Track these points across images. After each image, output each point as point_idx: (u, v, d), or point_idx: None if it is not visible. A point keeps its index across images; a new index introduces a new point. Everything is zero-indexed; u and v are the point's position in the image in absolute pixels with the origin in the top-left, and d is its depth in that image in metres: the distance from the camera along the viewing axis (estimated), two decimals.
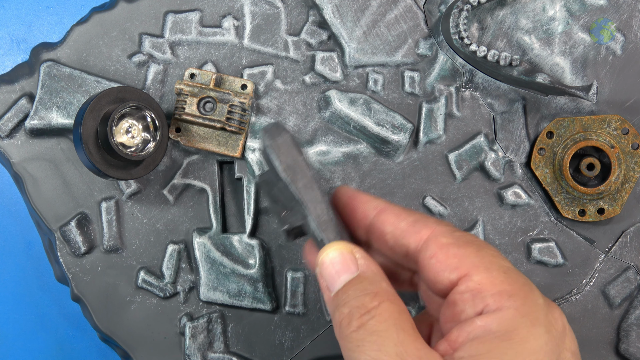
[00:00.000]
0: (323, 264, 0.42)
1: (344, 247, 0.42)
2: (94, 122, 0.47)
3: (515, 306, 0.37)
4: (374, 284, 0.40)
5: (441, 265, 0.39)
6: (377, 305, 0.39)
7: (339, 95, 0.52)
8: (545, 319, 0.37)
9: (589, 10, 0.53)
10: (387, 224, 0.43)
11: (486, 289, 0.38)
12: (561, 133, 0.53)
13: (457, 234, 0.41)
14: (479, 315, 0.37)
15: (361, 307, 0.39)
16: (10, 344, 0.60)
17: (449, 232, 0.41)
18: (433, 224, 0.41)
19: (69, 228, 0.53)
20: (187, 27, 0.53)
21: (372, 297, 0.39)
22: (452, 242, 0.40)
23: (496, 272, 0.38)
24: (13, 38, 0.60)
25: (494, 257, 0.39)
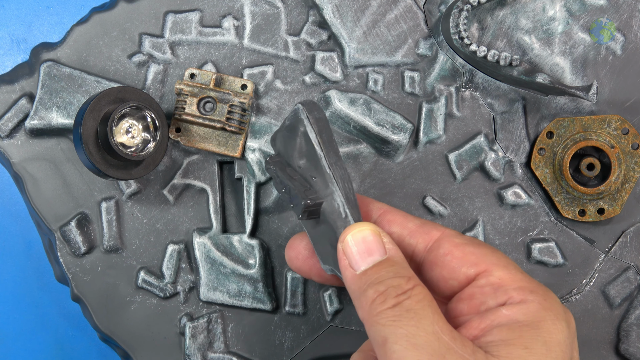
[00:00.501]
0: (351, 241, 0.42)
1: (373, 229, 0.42)
2: (94, 122, 0.47)
3: (539, 300, 0.39)
4: (405, 269, 0.41)
5: (458, 261, 0.42)
6: (412, 288, 0.40)
7: (339, 95, 0.52)
8: (564, 316, 0.39)
9: (589, 10, 0.53)
10: (394, 224, 0.44)
11: (508, 284, 0.40)
12: (561, 133, 0.53)
13: (467, 236, 0.43)
14: (503, 306, 0.40)
15: (397, 287, 0.40)
16: (10, 344, 0.60)
17: (459, 234, 0.43)
18: (441, 227, 0.44)
19: (69, 228, 0.53)
20: (187, 27, 0.53)
21: (407, 280, 0.40)
22: (466, 242, 0.42)
23: (515, 271, 0.41)
24: (13, 38, 0.60)
25: (508, 259, 0.42)
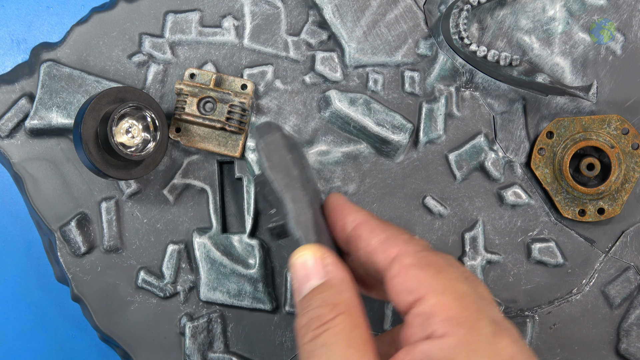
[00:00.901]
0: (293, 267, 0.42)
1: (315, 251, 0.42)
2: (94, 122, 0.47)
3: (460, 334, 0.37)
4: (336, 294, 0.41)
5: (401, 286, 0.40)
6: (333, 318, 0.39)
7: (339, 95, 0.52)
8: (487, 349, 0.37)
9: (589, 10, 0.53)
10: (361, 240, 0.43)
11: (437, 314, 0.38)
12: (561, 133, 0.53)
13: (422, 254, 0.41)
14: (426, 339, 0.38)
15: (318, 319, 0.39)
16: (10, 344, 0.60)
17: (414, 252, 0.41)
18: (402, 243, 0.41)
19: (69, 228, 0.53)
20: (187, 27, 0.53)
21: (331, 309, 0.40)
22: (413, 263, 0.40)
23: (450, 297, 0.38)
24: (13, 38, 0.60)
25: (452, 280, 0.39)
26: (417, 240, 0.42)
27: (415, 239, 0.42)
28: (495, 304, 0.40)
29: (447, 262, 0.41)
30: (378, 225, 0.43)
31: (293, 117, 0.53)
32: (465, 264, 0.53)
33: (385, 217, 0.53)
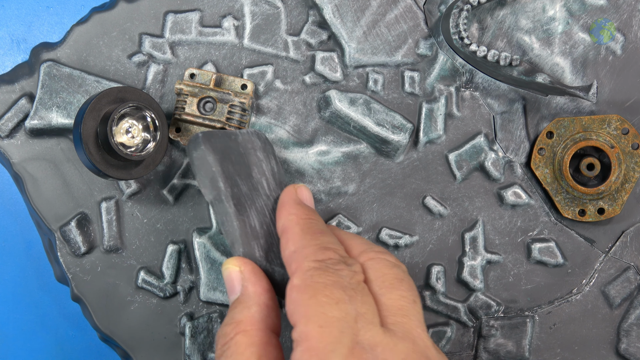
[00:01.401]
0: (224, 279, 0.45)
1: (233, 265, 0.44)
2: (94, 122, 0.47)
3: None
4: (242, 311, 0.42)
5: (286, 308, 0.41)
6: (233, 337, 0.41)
7: (339, 95, 0.52)
8: None
9: (589, 10, 0.53)
10: (282, 249, 0.44)
11: (300, 343, 0.39)
12: (561, 133, 0.53)
13: (310, 273, 0.41)
14: None
15: (224, 336, 0.41)
16: (10, 344, 0.60)
17: (304, 271, 0.41)
18: (301, 259, 0.42)
19: (69, 228, 0.53)
20: (187, 27, 0.53)
21: (233, 327, 0.41)
22: (298, 284, 0.40)
23: (312, 326, 0.39)
24: (13, 38, 0.60)
25: (322, 305, 0.39)
26: (322, 256, 0.42)
27: (322, 251, 0.42)
28: (374, 323, 0.40)
29: (332, 281, 0.40)
30: (298, 233, 0.44)
31: (293, 117, 0.53)
32: (465, 264, 0.53)
33: (385, 217, 0.53)
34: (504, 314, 0.54)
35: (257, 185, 0.48)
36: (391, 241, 0.53)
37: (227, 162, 0.47)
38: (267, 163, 0.49)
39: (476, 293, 0.53)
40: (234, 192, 0.47)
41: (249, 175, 0.48)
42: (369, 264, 0.43)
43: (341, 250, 0.43)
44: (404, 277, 0.43)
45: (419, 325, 0.41)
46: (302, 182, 0.53)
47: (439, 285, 0.53)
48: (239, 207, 0.46)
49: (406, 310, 0.41)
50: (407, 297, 0.42)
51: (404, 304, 0.41)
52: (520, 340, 0.53)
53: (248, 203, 0.47)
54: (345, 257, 0.42)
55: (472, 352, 0.54)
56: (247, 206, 0.47)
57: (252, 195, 0.47)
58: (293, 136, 0.53)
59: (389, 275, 0.43)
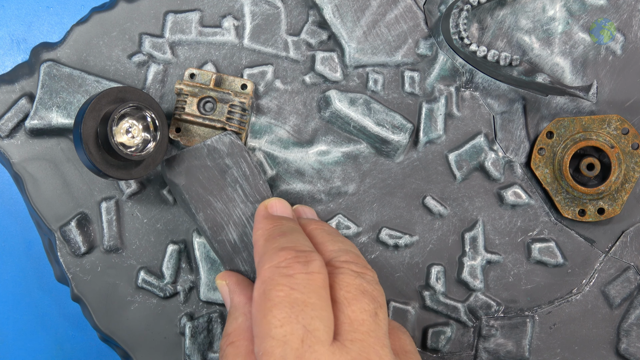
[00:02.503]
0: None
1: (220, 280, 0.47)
2: (94, 122, 0.47)
3: None
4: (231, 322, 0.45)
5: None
6: (224, 349, 0.43)
7: (339, 95, 0.52)
8: None
9: (589, 10, 0.53)
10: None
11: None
12: (561, 133, 0.53)
13: (265, 285, 0.41)
14: None
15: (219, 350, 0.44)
16: (10, 344, 0.60)
17: (261, 282, 0.41)
18: (260, 267, 0.42)
19: (69, 228, 0.53)
20: (187, 27, 0.53)
21: (225, 340, 0.44)
22: (256, 298, 0.41)
23: (260, 348, 0.40)
24: (13, 38, 0.60)
25: (269, 327, 0.39)
26: (277, 255, 0.42)
27: (281, 251, 0.42)
28: (323, 341, 0.39)
29: (281, 297, 0.40)
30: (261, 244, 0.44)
31: (293, 117, 0.53)
32: (465, 264, 0.53)
33: (385, 217, 0.53)
34: (504, 314, 0.54)
35: (233, 195, 0.49)
36: (391, 241, 0.53)
37: (195, 184, 0.49)
38: (238, 168, 0.49)
39: (476, 293, 0.53)
40: (207, 215, 0.48)
41: (222, 187, 0.49)
42: (335, 272, 0.42)
43: (302, 245, 0.43)
44: (367, 288, 0.42)
45: (378, 343, 0.40)
46: (302, 182, 0.53)
47: (439, 285, 0.53)
48: (215, 229, 0.48)
49: (367, 326, 0.40)
50: (368, 311, 0.41)
51: (365, 318, 0.41)
52: (520, 340, 0.53)
53: (225, 219, 0.48)
54: (304, 254, 0.42)
55: (472, 352, 0.54)
56: (224, 223, 0.48)
57: (229, 209, 0.49)
58: (293, 136, 0.53)
59: (351, 286, 0.42)
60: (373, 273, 0.43)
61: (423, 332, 0.54)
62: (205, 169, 0.49)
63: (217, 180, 0.49)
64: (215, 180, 0.49)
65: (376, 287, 0.43)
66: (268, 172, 0.53)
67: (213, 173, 0.49)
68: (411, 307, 0.53)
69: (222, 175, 0.49)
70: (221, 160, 0.50)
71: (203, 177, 0.49)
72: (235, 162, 0.50)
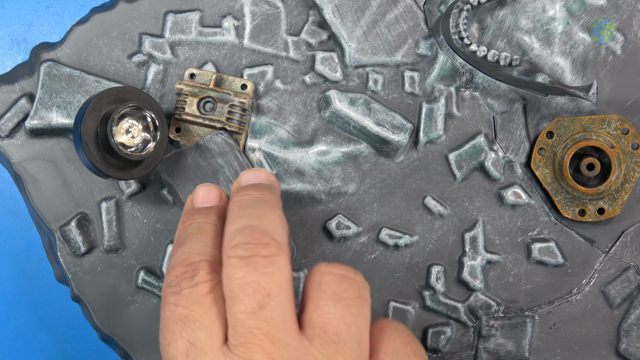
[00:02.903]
0: None
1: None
2: (94, 122, 0.47)
3: None
4: None
5: None
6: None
7: (339, 95, 0.52)
8: None
9: (589, 10, 0.53)
10: None
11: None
12: (561, 133, 0.53)
13: (162, 307, 0.40)
14: None
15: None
16: (10, 343, 0.60)
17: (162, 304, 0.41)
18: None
19: (69, 228, 0.53)
20: (187, 27, 0.53)
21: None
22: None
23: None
24: (13, 38, 0.60)
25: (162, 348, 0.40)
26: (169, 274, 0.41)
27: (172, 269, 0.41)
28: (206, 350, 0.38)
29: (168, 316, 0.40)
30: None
31: (293, 117, 0.53)
32: (465, 264, 0.53)
33: (385, 217, 0.53)
34: (504, 314, 0.54)
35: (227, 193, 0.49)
36: (391, 241, 0.53)
37: (188, 184, 0.49)
38: (229, 167, 0.50)
39: (476, 293, 0.53)
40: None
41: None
42: (225, 265, 0.39)
43: (194, 255, 0.41)
44: (250, 279, 0.38)
45: (266, 339, 0.37)
46: (302, 182, 0.53)
47: (439, 285, 0.53)
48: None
49: (250, 323, 0.38)
50: (250, 306, 0.38)
51: (246, 316, 0.38)
52: (520, 340, 0.53)
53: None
54: (191, 267, 0.40)
55: (472, 352, 0.54)
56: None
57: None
58: (293, 136, 0.53)
59: (233, 282, 0.38)
60: (270, 247, 0.39)
61: (423, 332, 0.54)
62: (199, 168, 0.50)
63: (210, 180, 0.49)
64: (208, 180, 0.49)
65: (265, 271, 0.38)
66: None
67: (206, 172, 0.50)
68: (411, 307, 0.53)
69: (214, 174, 0.50)
70: (213, 159, 0.50)
71: (196, 176, 0.50)
72: (227, 161, 0.50)
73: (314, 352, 0.38)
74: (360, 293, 0.40)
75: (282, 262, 0.39)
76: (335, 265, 0.41)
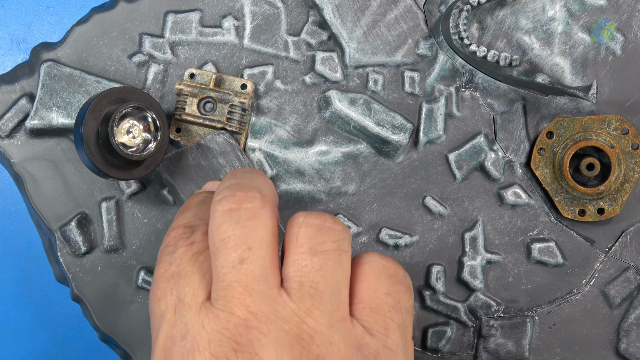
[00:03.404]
0: None
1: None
2: (95, 122, 0.47)
3: None
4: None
5: None
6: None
7: (339, 95, 0.52)
8: None
9: (589, 10, 0.53)
10: None
11: None
12: (561, 133, 0.53)
13: (157, 265, 0.41)
14: None
15: None
16: (10, 343, 0.60)
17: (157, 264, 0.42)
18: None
19: (69, 228, 0.53)
20: (187, 27, 0.53)
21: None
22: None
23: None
24: (13, 38, 0.60)
25: (150, 304, 0.41)
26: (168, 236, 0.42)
27: (172, 231, 0.42)
28: (191, 305, 0.39)
29: (160, 273, 0.41)
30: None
31: (293, 117, 0.53)
32: (465, 263, 0.53)
33: (385, 217, 0.53)
34: (504, 313, 0.54)
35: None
36: (391, 241, 0.53)
37: (189, 183, 0.49)
38: (231, 167, 0.50)
39: (476, 293, 0.53)
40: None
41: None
42: (210, 219, 0.40)
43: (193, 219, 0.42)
44: (231, 233, 0.38)
45: (245, 292, 0.37)
46: (302, 182, 0.53)
47: (439, 285, 0.53)
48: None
49: (231, 277, 0.37)
50: (231, 260, 0.37)
51: (227, 270, 0.37)
52: (520, 340, 0.53)
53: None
54: (190, 228, 0.41)
55: (472, 352, 0.54)
56: None
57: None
58: (293, 136, 0.53)
59: (216, 236, 0.38)
60: (255, 200, 0.39)
61: (423, 332, 0.54)
62: (200, 168, 0.50)
63: (211, 180, 0.50)
64: (209, 180, 0.49)
65: (247, 225, 0.38)
66: (268, 172, 0.53)
67: (207, 172, 0.50)
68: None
69: (216, 174, 0.50)
70: (215, 159, 0.50)
71: (197, 176, 0.50)
72: (229, 161, 0.50)
73: (291, 305, 0.38)
74: (338, 244, 0.39)
75: (266, 216, 0.38)
76: (313, 214, 0.40)
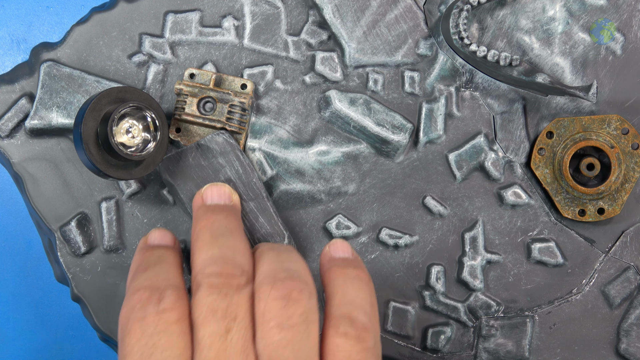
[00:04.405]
0: None
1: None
2: (95, 122, 0.47)
3: None
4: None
5: None
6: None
7: (339, 95, 0.52)
8: None
9: (589, 10, 0.53)
10: None
11: None
12: (561, 133, 0.53)
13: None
14: None
15: None
16: (10, 343, 0.60)
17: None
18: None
19: (69, 228, 0.53)
20: (187, 27, 0.53)
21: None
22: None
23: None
24: (13, 38, 0.60)
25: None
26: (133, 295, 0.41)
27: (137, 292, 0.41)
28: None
29: (133, 347, 0.39)
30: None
31: (293, 117, 0.53)
32: (465, 264, 0.53)
33: (385, 217, 0.53)
34: (504, 314, 0.54)
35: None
36: (391, 241, 0.53)
37: (189, 183, 0.49)
38: (231, 167, 0.50)
39: (476, 293, 0.53)
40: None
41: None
42: (195, 291, 0.40)
43: (160, 280, 0.41)
44: (219, 305, 0.39)
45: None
46: (302, 182, 0.53)
47: (439, 285, 0.53)
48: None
49: (216, 348, 0.38)
50: (217, 332, 0.39)
51: (212, 341, 0.39)
52: (520, 340, 0.53)
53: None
54: (158, 292, 0.40)
55: (472, 352, 0.54)
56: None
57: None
58: (293, 136, 0.53)
59: (203, 307, 0.39)
60: (241, 278, 0.40)
61: (423, 332, 0.54)
62: (200, 168, 0.50)
63: (211, 180, 0.50)
64: (209, 180, 0.50)
65: (234, 298, 0.40)
66: (268, 172, 0.53)
67: (207, 172, 0.50)
68: (411, 307, 0.53)
69: (215, 174, 0.50)
70: (214, 159, 0.50)
71: (197, 176, 0.50)
72: (228, 160, 0.50)
73: None
74: (305, 317, 0.40)
75: (249, 292, 0.40)
76: (278, 285, 0.40)
